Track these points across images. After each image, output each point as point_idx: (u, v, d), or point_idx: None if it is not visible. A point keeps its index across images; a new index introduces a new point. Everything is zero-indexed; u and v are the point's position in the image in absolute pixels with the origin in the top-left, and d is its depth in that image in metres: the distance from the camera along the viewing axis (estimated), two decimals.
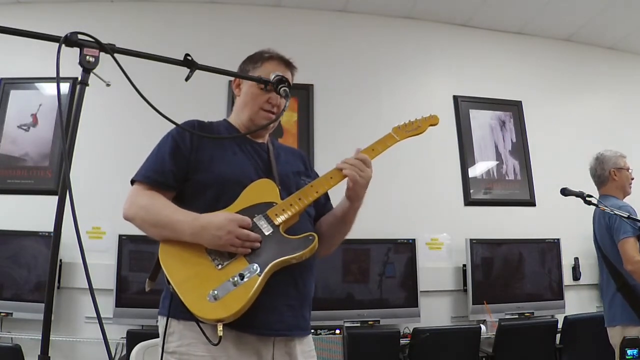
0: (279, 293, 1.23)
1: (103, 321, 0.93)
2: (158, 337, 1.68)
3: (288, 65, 1.49)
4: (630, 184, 2.61)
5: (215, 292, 1.13)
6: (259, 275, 1.16)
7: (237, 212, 1.24)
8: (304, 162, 1.57)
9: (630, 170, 2.62)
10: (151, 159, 1.36)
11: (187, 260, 1.19)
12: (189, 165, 1.32)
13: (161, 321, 1.26)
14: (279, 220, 1.25)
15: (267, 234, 1.23)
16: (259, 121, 1.44)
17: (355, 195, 1.35)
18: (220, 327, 1.10)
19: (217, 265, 1.18)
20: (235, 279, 1.15)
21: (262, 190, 1.31)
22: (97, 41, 1.04)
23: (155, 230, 1.24)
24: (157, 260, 1.24)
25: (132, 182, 1.34)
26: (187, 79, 1.20)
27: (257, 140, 1.46)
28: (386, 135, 1.49)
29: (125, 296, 3.07)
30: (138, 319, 3.01)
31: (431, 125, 1.54)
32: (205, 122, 1.44)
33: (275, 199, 1.30)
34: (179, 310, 1.17)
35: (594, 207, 2.39)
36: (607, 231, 2.44)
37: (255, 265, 1.18)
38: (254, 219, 1.24)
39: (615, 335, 2.39)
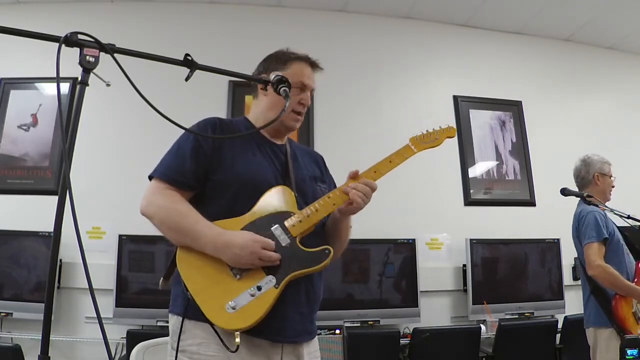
0: (291, 301, 1.24)
1: (103, 321, 0.94)
2: (158, 337, 1.69)
3: (314, 66, 1.49)
4: (611, 191, 2.63)
5: (234, 302, 1.16)
6: (276, 288, 1.19)
7: (254, 220, 1.25)
8: (320, 166, 1.56)
9: (612, 178, 2.64)
10: (171, 156, 1.33)
11: (206, 268, 1.20)
12: (210, 165, 1.31)
13: (173, 319, 1.26)
14: (296, 231, 1.26)
15: (283, 245, 1.24)
16: (288, 122, 1.43)
17: (350, 214, 1.36)
18: (238, 337, 1.13)
19: (236, 275, 1.19)
20: (253, 290, 1.17)
21: (279, 198, 1.31)
22: (97, 41, 1.04)
23: (175, 235, 1.24)
24: (171, 260, 1.25)
25: (150, 177, 1.32)
26: (187, 79, 1.19)
27: (276, 142, 1.45)
28: (404, 146, 1.46)
29: (125, 296, 3.07)
30: (138, 319, 3.01)
31: (448, 137, 1.53)
32: (226, 120, 1.43)
33: (292, 208, 1.30)
34: (193, 312, 1.18)
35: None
36: (577, 235, 2.48)
37: (272, 277, 1.20)
38: (272, 229, 1.25)
39: (590, 336, 2.42)
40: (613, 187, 2.65)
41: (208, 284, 1.18)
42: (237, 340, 1.12)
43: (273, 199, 1.30)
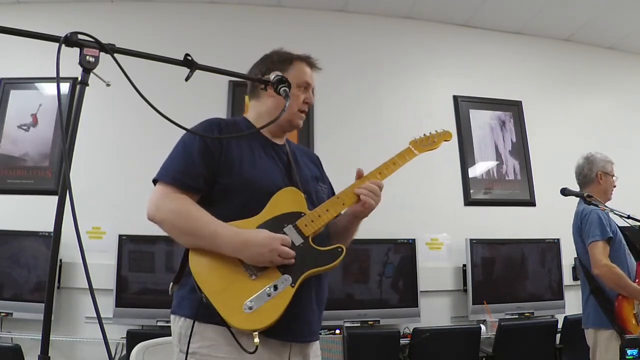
0: (303, 301, 1.25)
1: (103, 321, 0.93)
2: (158, 337, 1.69)
3: (313, 66, 1.51)
4: (612, 191, 2.61)
5: (251, 302, 1.15)
6: (292, 286, 1.19)
7: (266, 221, 1.26)
8: (317, 166, 1.58)
9: (614, 178, 2.62)
10: (177, 159, 1.31)
11: (221, 270, 1.20)
12: (218, 167, 1.29)
13: (179, 322, 1.24)
14: (308, 231, 1.27)
15: (297, 244, 1.24)
16: (296, 121, 1.45)
17: (364, 216, 1.39)
18: (256, 337, 1.12)
19: (251, 276, 1.19)
20: (270, 289, 1.18)
21: (289, 199, 1.31)
22: (97, 41, 1.04)
23: (188, 238, 1.22)
24: (181, 263, 1.24)
25: (155, 180, 1.29)
26: (187, 79, 1.19)
27: (277, 142, 1.46)
28: (405, 149, 1.52)
29: (125, 296, 3.07)
30: (138, 319, 3.02)
31: (445, 141, 1.60)
32: (229, 120, 1.43)
33: (303, 208, 1.31)
34: (204, 314, 1.17)
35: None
36: (579, 234, 2.45)
37: (288, 276, 1.20)
38: (284, 229, 1.25)
39: (590, 337, 2.39)
40: (615, 186, 2.62)
41: (224, 285, 1.18)
42: (256, 340, 1.12)
43: (283, 200, 1.30)
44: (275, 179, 1.34)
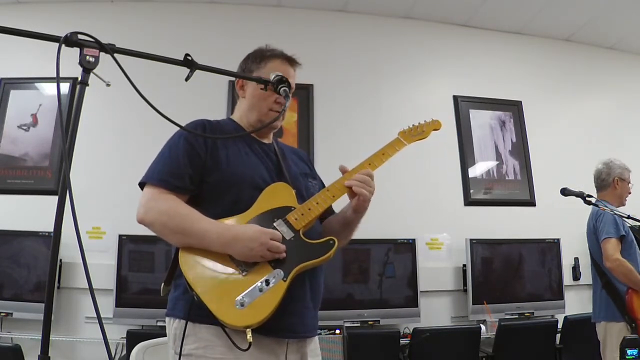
0: (297, 296, 1.24)
1: (103, 321, 0.94)
2: (158, 337, 1.68)
3: (292, 62, 1.48)
4: (627, 196, 2.76)
5: (243, 298, 1.14)
6: (284, 281, 1.18)
7: (256, 216, 1.25)
8: (307, 163, 1.58)
9: (630, 185, 2.76)
10: (164, 161, 1.31)
11: (211, 267, 1.19)
12: (205, 167, 1.30)
13: (174, 323, 1.24)
14: (299, 225, 1.26)
15: (288, 238, 1.24)
16: (269, 122, 1.42)
17: (363, 209, 1.36)
18: (249, 334, 1.11)
19: (242, 272, 1.18)
20: (261, 284, 1.16)
21: (279, 194, 1.31)
22: (97, 41, 1.04)
23: (178, 237, 1.22)
24: (172, 264, 1.24)
25: (142, 184, 1.29)
26: (187, 79, 1.19)
27: (263, 141, 1.46)
28: (394, 139, 1.50)
29: (125, 296, 3.07)
30: (138, 319, 3.02)
31: (434, 130, 1.57)
32: (213, 122, 1.42)
33: (292, 203, 1.31)
34: (198, 314, 1.16)
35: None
36: (594, 232, 2.59)
37: (280, 271, 1.19)
38: (275, 224, 1.25)
39: (600, 330, 2.54)
40: (630, 193, 2.76)
41: (215, 283, 1.17)
42: (249, 337, 1.10)
43: (273, 195, 1.30)
44: (263, 174, 1.34)
